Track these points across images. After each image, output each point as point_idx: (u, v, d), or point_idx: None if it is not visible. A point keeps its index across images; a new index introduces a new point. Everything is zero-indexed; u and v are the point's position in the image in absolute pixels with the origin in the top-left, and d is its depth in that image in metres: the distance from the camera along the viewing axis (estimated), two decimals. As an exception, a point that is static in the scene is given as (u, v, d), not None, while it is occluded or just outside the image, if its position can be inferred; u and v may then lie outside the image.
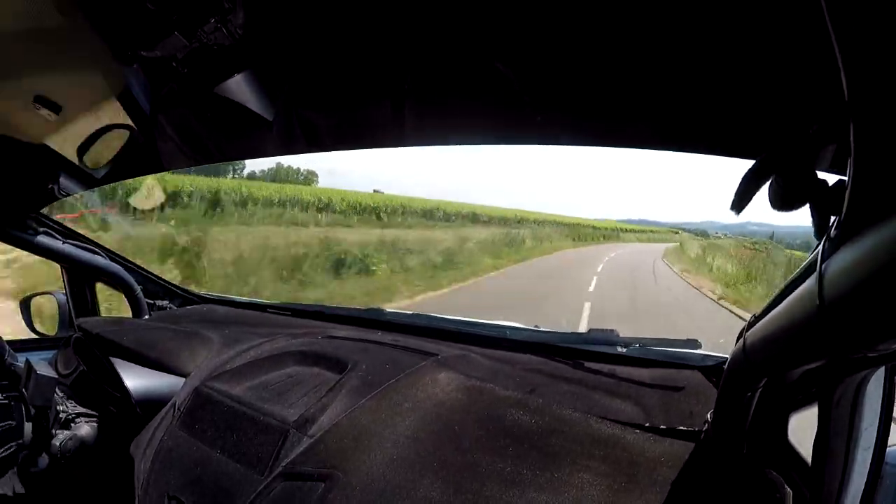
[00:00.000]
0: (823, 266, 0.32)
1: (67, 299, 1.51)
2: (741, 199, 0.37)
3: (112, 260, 1.53)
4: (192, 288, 1.79)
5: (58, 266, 1.50)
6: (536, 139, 0.94)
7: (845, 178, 0.30)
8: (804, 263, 0.40)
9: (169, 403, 1.04)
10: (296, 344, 1.10)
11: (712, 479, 0.60)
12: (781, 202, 0.34)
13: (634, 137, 0.84)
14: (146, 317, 1.57)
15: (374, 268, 8.62)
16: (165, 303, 1.65)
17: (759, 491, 0.53)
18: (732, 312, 8.39)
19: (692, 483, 0.61)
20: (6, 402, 1.03)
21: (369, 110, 0.93)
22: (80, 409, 1.13)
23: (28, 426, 1.06)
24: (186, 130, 0.99)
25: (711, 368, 0.87)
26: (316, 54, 0.77)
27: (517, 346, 1.07)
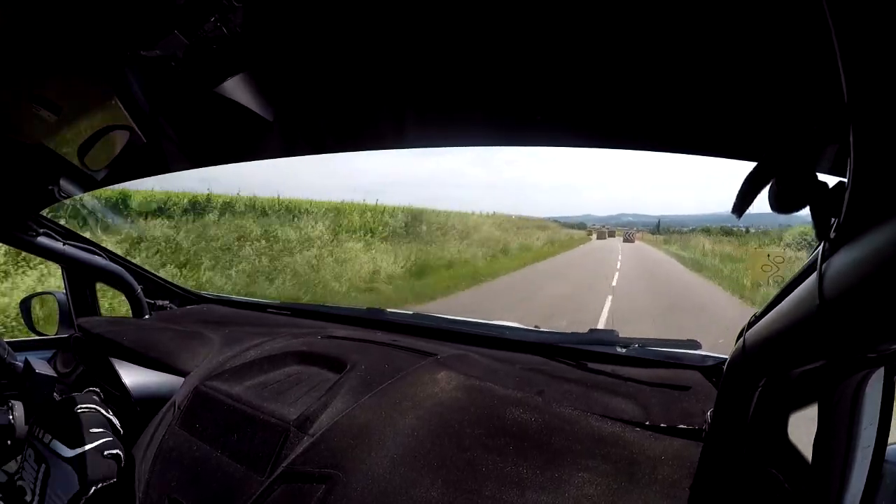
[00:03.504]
0: (823, 266, 0.32)
1: (67, 299, 1.51)
2: (742, 202, 0.37)
3: (112, 260, 1.53)
4: (192, 288, 1.79)
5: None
6: (536, 140, 0.94)
7: (845, 180, 0.30)
8: (805, 264, 0.40)
9: (169, 402, 1.04)
10: (295, 343, 1.10)
11: (712, 477, 0.60)
12: (782, 204, 0.35)
13: (635, 139, 0.84)
14: (146, 316, 1.57)
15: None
16: (165, 303, 1.66)
17: (760, 490, 0.53)
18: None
19: (692, 482, 0.62)
20: None
21: (369, 111, 0.93)
22: None
23: (28, 426, 1.06)
24: (187, 131, 0.99)
25: (711, 368, 0.87)
26: (316, 54, 0.77)
27: (517, 347, 1.07)
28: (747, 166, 0.37)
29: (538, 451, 0.69)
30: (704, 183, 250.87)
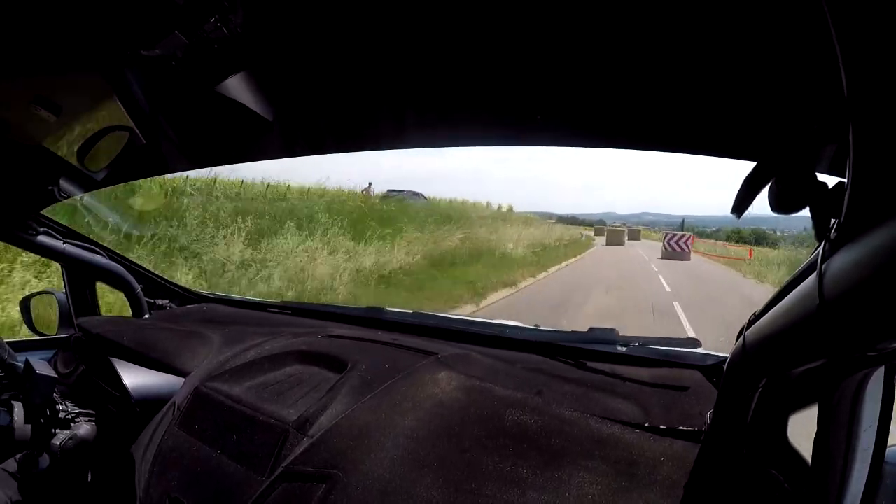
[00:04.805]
0: (824, 267, 0.32)
1: (67, 299, 1.51)
2: (742, 202, 0.37)
3: (112, 259, 1.53)
4: (193, 287, 1.79)
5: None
6: (537, 140, 0.94)
7: (845, 180, 0.30)
8: (804, 264, 0.40)
9: (169, 403, 1.04)
10: (296, 343, 1.10)
11: (712, 478, 0.60)
12: (782, 204, 0.35)
13: (635, 138, 0.84)
14: (146, 316, 1.57)
15: None
16: (166, 302, 1.66)
17: (760, 491, 0.53)
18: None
19: (692, 483, 0.61)
20: None
21: (369, 111, 0.93)
22: (79, 409, 1.13)
23: (28, 426, 1.06)
24: (187, 131, 0.99)
25: (712, 368, 0.87)
26: (317, 54, 0.77)
27: (517, 346, 1.07)
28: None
29: (538, 452, 0.69)
30: (728, 183, 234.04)
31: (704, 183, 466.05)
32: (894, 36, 0.25)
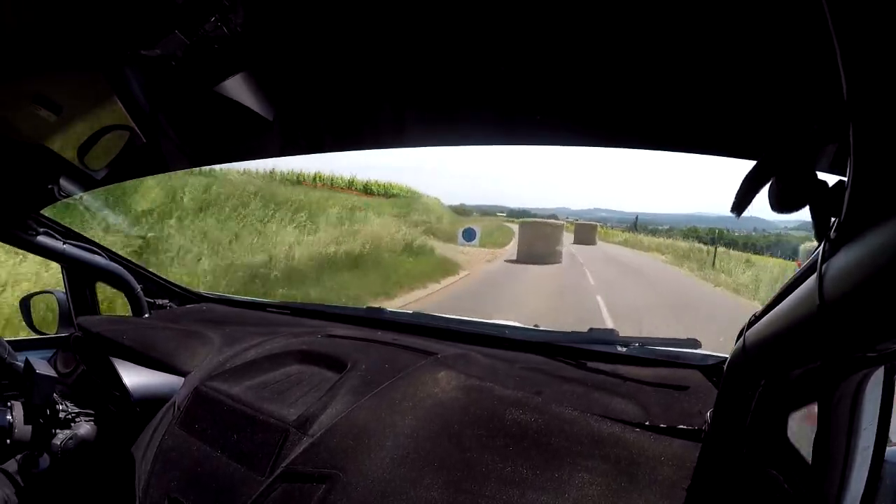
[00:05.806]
0: (824, 267, 0.32)
1: (67, 298, 1.51)
2: (741, 202, 0.37)
3: (112, 259, 1.53)
4: (193, 287, 1.79)
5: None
6: (536, 139, 0.94)
7: (845, 179, 0.30)
8: (805, 264, 0.40)
9: (169, 402, 1.04)
10: (295, 343, 1.10)
11: (712, 478, 0.60)
12: (782, 203, 0.34)
13: (635, 137, 0.84)
14: (146, 316, 1.57)
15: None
16: (165, 302, 1.65)
17: (760, 490, 0.53)
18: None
19: (692, 482, 0.61)
20: None
21: (370, 110, 0.94)
22: (79, 409, 1.13)
23: (28, 426, 1.06)
24: (187, 131, 0.99)
25: (711, 368, 0.87)
26: (316, 53, 0.77)
27: (517, 346, 1.07)
28: (728, 166, 0.36)
29: (538, 452, 0.69)
30: (681, 181, 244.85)
31: (656, 181, 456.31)
32: (894, 36, 0.25)
